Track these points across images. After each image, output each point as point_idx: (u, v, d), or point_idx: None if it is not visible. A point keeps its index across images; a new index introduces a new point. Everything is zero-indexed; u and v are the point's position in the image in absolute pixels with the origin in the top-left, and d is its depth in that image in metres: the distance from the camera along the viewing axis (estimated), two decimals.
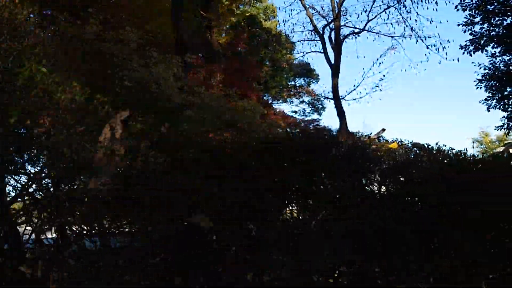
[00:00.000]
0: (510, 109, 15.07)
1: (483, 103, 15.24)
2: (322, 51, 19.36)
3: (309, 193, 4.32)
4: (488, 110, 15.15)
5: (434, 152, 4.71)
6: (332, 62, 19.22)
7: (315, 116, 33.39)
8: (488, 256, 4.07)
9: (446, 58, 17.47)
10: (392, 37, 19.56)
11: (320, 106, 32.65)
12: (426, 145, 5.02)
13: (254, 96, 18.45)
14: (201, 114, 8.07)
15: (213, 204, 3.78)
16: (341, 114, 19.15)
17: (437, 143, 5.16)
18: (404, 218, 3.92)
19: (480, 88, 15.19)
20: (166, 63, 8.31)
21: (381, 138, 6.32)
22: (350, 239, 3.85)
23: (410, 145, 5.16)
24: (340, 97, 19.49)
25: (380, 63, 19.35)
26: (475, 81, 15.10)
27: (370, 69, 19.48)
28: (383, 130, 7.93)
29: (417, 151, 4.92)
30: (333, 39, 18.94)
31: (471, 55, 14.52)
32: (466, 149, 5.16)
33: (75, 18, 7.76)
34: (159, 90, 7.34)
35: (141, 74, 7.10)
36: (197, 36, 20.26)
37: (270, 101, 33.33)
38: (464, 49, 14.52)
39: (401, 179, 4.49)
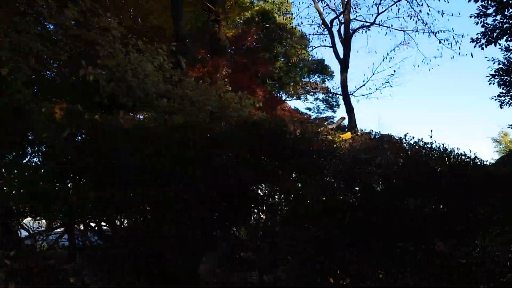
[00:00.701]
0: None
1: (495, 100, 14.54)
2: (331, 45, 18.91)
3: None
4: (501, 107, 14.42)
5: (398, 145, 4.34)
6: (341, 57, 18.77)
7: (329, 113, 32.86)
8: None
9: (460, 53, 16.83)
10: (404, 31, 19.03)
11: (335, 104, 32.09)
12: (393, 136, 4.66)
13: (261, 92, 18.10)
14: (183, 105, 7.87)
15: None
16: (349, 110, 18.72)
17: (405, 134, 4.79)
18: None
19: (493, 83, 14.50)
20: (150, 53, 8.12)
21: (343, 126, 5.95)
22: None
23: (378, 136, 4.81)
24: (349, 93, 19.04)
25: (390, 58, 18.76)
26: (487, 76, 14.41)
27: (380, 64, 19.00)
28: (343, 118, 7.50)
29: (383, 145, 4.56)
30: (342, 33, 18.49)
31: (482, 48, 13.84)
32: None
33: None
34: (136, 79, 7.16)
35: (117, 60, 6.93)
36: (205, 30, 20.12)
37: (284, 97, 32.99)
38: (475, 42, 13.85)
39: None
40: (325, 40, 22.70)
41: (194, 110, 7.90)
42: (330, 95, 32.32)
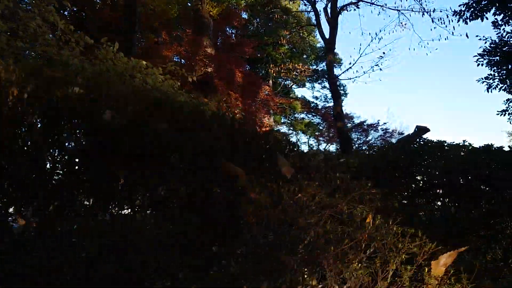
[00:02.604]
0: None
1: (482, 82, 12.90)
2: (315, 24, 17.64)
3: None
4: (488, 90, 12.80)
5: None
6: (327, 37, 17.48)
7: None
8: None
9: (453, 33, 15.22)
10: (398, 10, 17.44)
11: (342, 92, 30.63)
12: None
13: (239, 73, 17.18)
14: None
15: None
16: (335, 94, 17.40)
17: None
18: None
19: (482, 65, 12.86)
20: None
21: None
22: None
23: None
24: (335, 76, 17.74)
25: (380, 38, 17.27)
26: (475, 56, 12.80)
27: (369, 45, 17.77)
28: None
29: None
30: (329, 11, 17.18)
31: (466, 23, 12.24)
32: None
33: None
34: None
35: None
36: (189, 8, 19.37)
37: (290, 85, 31.85)
38: (458, 15, 12.27)
39: None
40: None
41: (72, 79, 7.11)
42: (338, 83, 30.89)
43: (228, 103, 17.80)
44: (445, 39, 15.61)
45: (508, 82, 12.75)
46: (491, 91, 12.84)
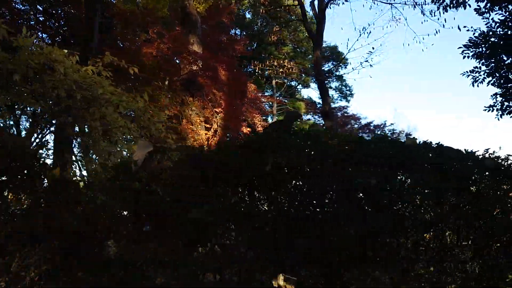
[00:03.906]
0: (505, 84, 11.56)
1: (467, 76, 11.89)
2: (302, 19, 16.96)
3: None
4: (473, 84, 11.79)
5: None
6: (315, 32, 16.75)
7: (343, 102, 30.54)
8: None
9: (444, 25, 14.28)
10: (391, 4, 16.57)
11: (348, 93, 29.74)
12: None
13: (223, 71, 16.65)
14: None
15: None
16: (323, 92, 16.65)
17: None
18: None
19: (468, 57, 11.86)
20: None
21: None
22: None
23: None
24: (323, 73, 16.99)
25: (369, 33, 16.43)
26: (459, 47, 11.83)
27: (357, 40, 17.13)
28: None
29: None
30: (316, 5, 16.48)
31: (446, 10, 11.30)
32: None
33: None
34: None
35: None
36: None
37: (295, 85, 31.15)
38: (437, 2, 11.34)
39: None
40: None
41: None
42: (344, 84, 30.03)
43: (213, 101, 17.34)
44: (437, 32, 14.64)
45: (496, 75, 11.71)
46: (478, 85, 11.83)
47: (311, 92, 64.77)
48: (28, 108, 10.05)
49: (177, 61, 17.79)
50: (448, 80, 57.16)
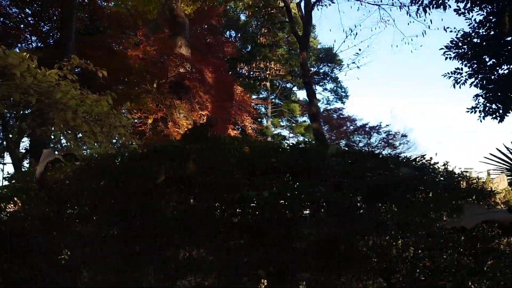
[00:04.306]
0: (489, 86, 11.34)
1: (448, 77, 11.69)
2: (287, 20, 16.82)
3: None
4: (455, 86, 11.58)
5: None
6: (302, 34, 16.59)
7: (338, 104, 30.33)
8: None
9: (429, 27, 14.11)
10: (378, 5, 16.38)
11: (344, 94, 29.53)
12: None
13: (209, 73, 16.56)
14: None
15: None
16: (311, 94, 16.45)
17: None
18: None
19: (450, 58, 11.66)
20: None
21: None
22: None
23: None
24: (310, 75, 16.83)
25: (355, 34, 16.26)
26: (441, 48, 11.63)
27: (344, 41, 16.95)
28: None
29: None
30: (302, 7, 16.33)
31: (425, 11, 11.12)
32: None
33: None
34: None
35: None
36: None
37: (290, 87, 31.00)
38: (417, 3, 11.15)
39: None
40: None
41: None
42: (339, 85, 29.84)
43: (200, 104, 17.25)
44: (424, 33, 14.46)
45: (479, 76, 11.50)
46: (460, 87, 11.63)
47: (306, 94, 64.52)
48: None
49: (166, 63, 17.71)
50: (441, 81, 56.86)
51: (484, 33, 11.41)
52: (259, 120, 28.67)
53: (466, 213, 2.52)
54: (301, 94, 31.75)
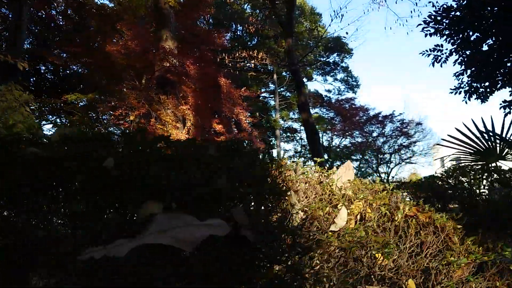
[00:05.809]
0: (473, 62, 10.00)
1: (427, 55, 10.42)
2: (270, 6, 15.87)
3: None
4: (434, 64, 10.31)
5: None
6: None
7: (349, 94, 28.97)
8: None
9: (416, 4, 12.77)
10: None
11: (355, 84, 28.13)
12: None
13: (191, 65, 15.86)
14: None
15: None
16: (298, 82, 15.49)
17: None
18: None
19: (430, 35, 10.40)
20: None
21: None
22: None
23: None
24: (296, 63, 15.81)
25: (341, 16, 15.12)
26: (419, 24, 10.40)
27: (330, 25, 15.62)
28: None
29: None
30: None
31: None
32: None
33: None
34: None
35: None
36: None
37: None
38: None
39: None
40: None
41: None
42: (350, 75, 28.48)
43: (186, 98, 16.63)
44: (413, 11, 13.12)
45: (466, 53, 10.18)
46: (441, 65, 10.35)
47: (316, 85, 62.75)
48: None
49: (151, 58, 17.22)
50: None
51: (464, 3, 10.08)
52: (267, 113, 27.79)
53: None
54: (311, 86, 30.55)
